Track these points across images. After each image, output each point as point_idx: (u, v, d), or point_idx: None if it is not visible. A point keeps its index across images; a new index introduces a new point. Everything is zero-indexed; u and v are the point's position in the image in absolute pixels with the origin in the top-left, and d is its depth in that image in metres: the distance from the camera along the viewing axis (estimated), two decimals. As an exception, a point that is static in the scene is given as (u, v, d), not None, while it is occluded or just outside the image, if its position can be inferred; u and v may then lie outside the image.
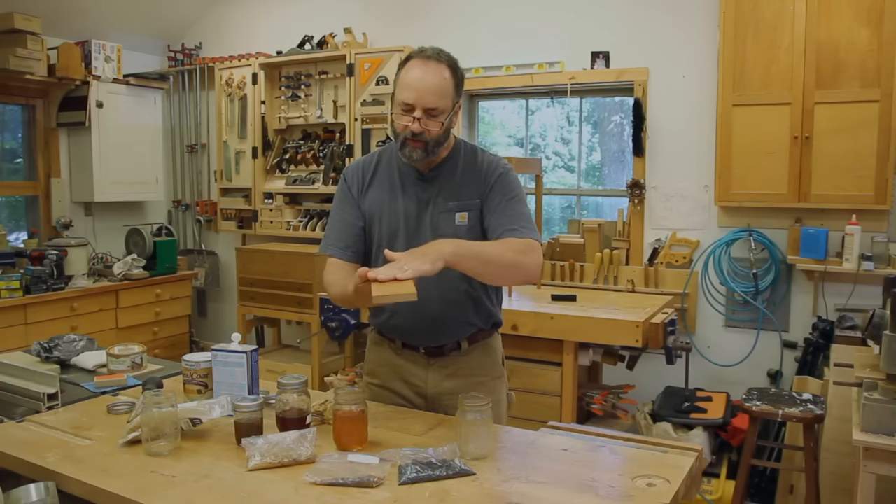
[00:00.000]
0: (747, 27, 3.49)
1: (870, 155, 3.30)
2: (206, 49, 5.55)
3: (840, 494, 3.02)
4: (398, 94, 1.84)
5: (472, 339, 2.00)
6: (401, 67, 1.86)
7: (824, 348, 3.43)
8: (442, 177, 1.94)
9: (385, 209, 1.95)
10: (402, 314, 1.95)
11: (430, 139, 1.83)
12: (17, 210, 5.12)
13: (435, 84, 1.80)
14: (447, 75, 1.83)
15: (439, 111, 1.81)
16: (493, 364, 2.07)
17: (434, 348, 1.98)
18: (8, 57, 4.30)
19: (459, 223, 1.90)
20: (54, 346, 2.41)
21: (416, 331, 1.97)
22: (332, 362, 4.61)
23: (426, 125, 1.81)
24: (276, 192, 5.04)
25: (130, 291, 4.76)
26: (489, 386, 2.02)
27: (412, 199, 1.94)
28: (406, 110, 1.82)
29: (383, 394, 2.05)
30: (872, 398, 2.21)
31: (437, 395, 1.99)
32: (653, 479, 1.47)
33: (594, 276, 4.07)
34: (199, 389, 1.95)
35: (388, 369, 2.05)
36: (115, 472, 1.52)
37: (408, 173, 1.95)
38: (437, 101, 1.80)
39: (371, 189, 1.98)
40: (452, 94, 1.84)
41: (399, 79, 1.85)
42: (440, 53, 1.85)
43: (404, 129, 1.83)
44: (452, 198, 1.92)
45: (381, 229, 1.95)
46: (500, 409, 2.06)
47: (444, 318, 1.93)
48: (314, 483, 1.45)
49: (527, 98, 4.50)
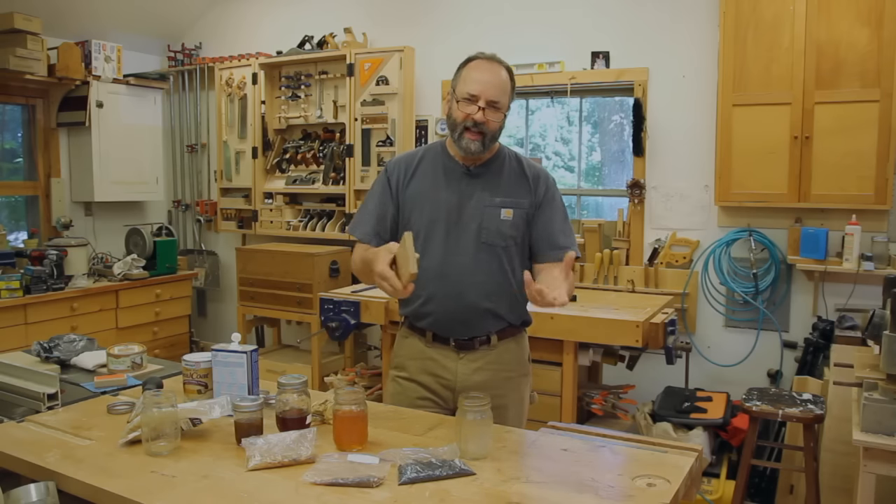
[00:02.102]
0: (747, 27, 3.49)
1: (870, 155, 3.30)
2: (206, 49, 5.55)
3: (840, 494, 3.02)
4: (462, 87, 1.96)
5: (501, 334, 2.07)
6: (462, 67, 2.01)
7: (824, 348, 3.43)
8: (487, 174, 2.04)
9: (427, 199, 2.03)
10: (436, 301, 2.01)
11: (489, 131, 1.95)
12: (17, 210, 5.12)
13: (499, 80, 1.96)
14: (507, 77, 1.99)
15: (500, 105, 1.96)
16: (521, 361, 2.13)
17: (464, 341, 2.04)
18: (8, 57, 4.30)
19: (504, 218, 2.01)
20: (54, 346, 2.41)
21: (447, 320, 2.02)
22: (332, 362, 4.61)
23: (489, 116, 1.94)
24: (276, 192, 5.04)
25: (130, 291, 4.76)
26: (516, 382, 2.09)
27: (454, 192, 2.03)
28: (470, 101, 1.94)
29: (410, 386, 2.09)
30: (872, 398, 2.21)
31: (465, 389, 2.01)
32: (653, 479, 1.47)
33: (594, 276, 4.07)
34: (199, 389, 1.95)
35: (418, 363, 2.09)
36: (115, 472, 1.52)
37: (452, 169, 2.05)
38: (499, 95, 1.95)
39: (413, 181, 2.07)
40: (510, 94, 2.00)
41: (462, 75, 1.99)
42: (500, 58, 2.02)
43: (466, 118, 1.94)
44: (498, 194, 2.02)
45: (421, 218, 2.02)
46: (524, 407, 2.15)
47: (478, 308, 2.00)
48: (314, 483, 1.45)
49: (527, 98, 4.49)
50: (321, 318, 3.73)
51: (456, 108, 1.97)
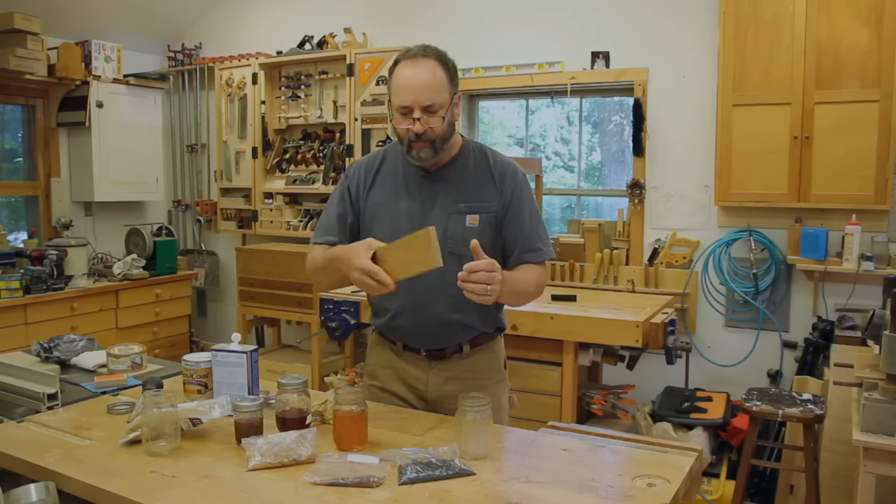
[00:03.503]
0: (747, 27, 3.49)
1: (870, 155, 3.30)
2: (206, 49, 5.55)
3: (840, 494, 3.02)
4: (394, 98, 1.81)
5: (474, 342, 1.98)
6: (391, 73, 1.84)
7: (824, 348, 3.43)
8: (450, 177, 1.90)
9: (387, 209, 1.93)
10: (405, 315, 1.93)
11: (436, 136, 1.80)
12: (17, 210, 5.12)
13: (427, 80, 1.77)
14: (437, 69, 1.80)
15: (437, 106, 1.78)
16: (495, 368, 2.05)
17: (435, 351, 1.96)
18: (8, 57, 4.30)
19: (470, 225, 1.87)
20: (54, 346, 2.41)
21: (417, 333, 1.95)
22: (332, 362, 4.61)
23: (427, 123, 1.78)
24: (276, 192, 5.04)
25: (130, 291, 4.76)
26: (491, 390, 1.99)
27: (416, 199, 1.90)
28: (404, 113, 1.79)
29: (384, 396, 2.03)
30: (872, 398, 2.21)
31: (437, 398, 1.97)
32: (653, 479, 1.47)
33: (594, 276, 4.07)
34: (199, 389, 1.94)
35: (389, 371, 2.03)
36: (115, 472, 1.52)
37: (413, 172, 1.92)
38: (433, 96, 1.77)
39: (373, 189, 1.96)
40: (447, 86, 1.81)
41: (391, 84, 1.83)
42: (426, 49, 1.82)
43: (406, 133, 1.80)
44: (463, 199, 1.89)
45: (382, 228, 1.90)
46: (503, 414, 2.05)
47: (447, 321, 1.91)
48: (314, 483, 1.45)
49: (527, 98, 4.50)
50: (321, 318, 3.73)
51: (396, 121, 1.82)
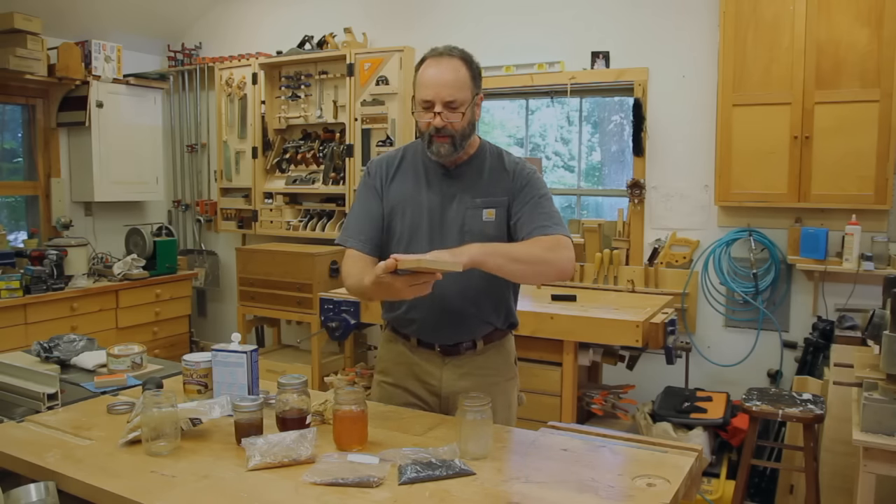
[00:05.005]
0: (747, 27, 3.49)
1: (870, 155, 3.30)
2: (206, 49, 5.55)
3: (840, 494, 3.02)
4: (418, 93, 1.89)
5: (487, 338, 2.01)
6: (417, 70, 1.92)
7: (824, 348, 3.43)
8: (468, 174, 1.97)
9: (409, 202, 1.97)
10: (421, 308, 1.95)
11: (456, 132, 1.87)
12: (17, 210, 5.11)
13: (450, 78, 1.85)
14: (461, 68, 1.87)
15: (458, 103, 1.86)
16: (507, 365, 2.08)
17: (449, 346, 1.99)
18: (8, 57, 4.30)
19: (487, 219, 1.93)
20: (54, 346, 2.41)
21: (432, 326, 1.97)
22: (332, 362, 4.61)
23: (448, 118, 1.85)
24: (276, 192, 5.04)
25: (130, 291, 4.76)
26: (503, 386, 2.03)
27: (437, 194, 1.96)
28: (426, 107, 1.87)
29: (396, 392, 2.05)
30: (872, 398, 2.21)
31: (451, 395, 1.98)
32: (653, 479, 1.47)
33: (594, 276, 4.07)
34: (199, 389, 1.95)
35: (403, 367, 2.05)
36: (115, 472, 1.52)
37: (433, 169, 1.98)
38: (454, 93, 1.85)
39: (395, 182, 2.01)
40: (469, 85, 1.88)
41: (416, 80, 1.90)
42: (452, 49, 1.90)
43: (427, 127, 1.88)
44: (480, 194, 1.94)
45: (403, 222, 1.96)
46: (512, 411, 2.08)
47: (463, 314, 1.94)
48: (314, 483, 1.45)
49: (527, 98, 4.49)
50: (321, 318, 3.73)
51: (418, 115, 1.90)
